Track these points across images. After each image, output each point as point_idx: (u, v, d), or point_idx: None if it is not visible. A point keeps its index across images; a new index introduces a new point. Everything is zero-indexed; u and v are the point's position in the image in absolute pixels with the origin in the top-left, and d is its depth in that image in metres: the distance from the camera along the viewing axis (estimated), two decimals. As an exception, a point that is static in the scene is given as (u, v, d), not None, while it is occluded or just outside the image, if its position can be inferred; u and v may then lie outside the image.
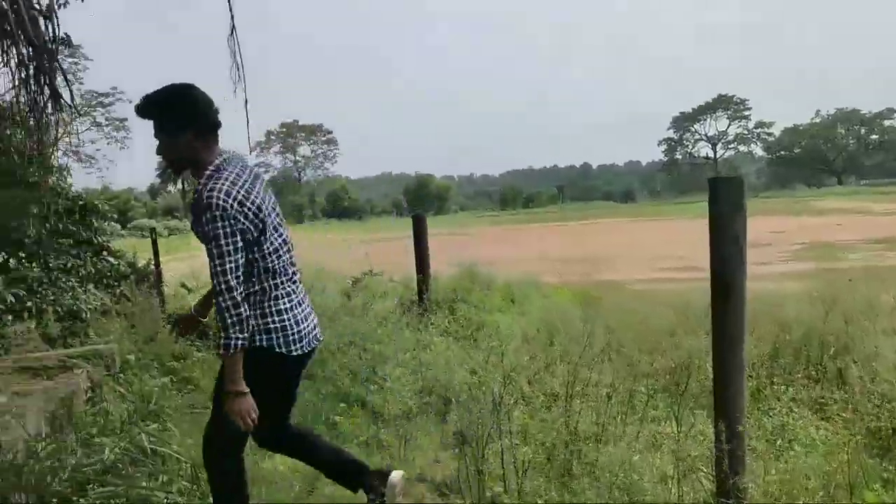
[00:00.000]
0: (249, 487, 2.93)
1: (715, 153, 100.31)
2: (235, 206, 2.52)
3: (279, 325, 2.69)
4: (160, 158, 2.73)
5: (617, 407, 3.92)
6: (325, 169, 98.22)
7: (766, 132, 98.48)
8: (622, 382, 4.16)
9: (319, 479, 3.67)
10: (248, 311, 2.53)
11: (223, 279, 2.50)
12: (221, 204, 2.49)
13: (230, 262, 2.51)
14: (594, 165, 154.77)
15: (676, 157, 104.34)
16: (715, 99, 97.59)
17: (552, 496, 3.15)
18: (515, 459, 3.32)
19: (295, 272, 2.84)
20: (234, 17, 6.57)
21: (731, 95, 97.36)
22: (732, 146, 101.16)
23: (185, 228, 56.03)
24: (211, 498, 2.88)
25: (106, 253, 8.44)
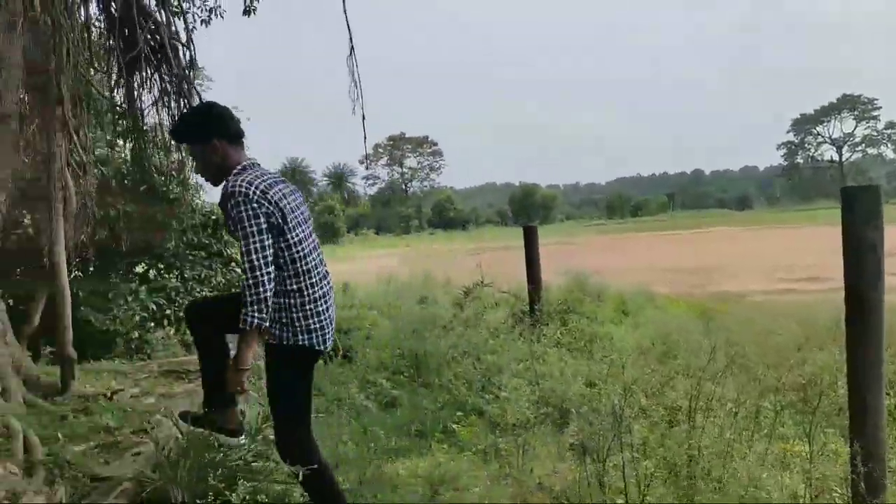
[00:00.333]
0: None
1: (840, 156, 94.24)
2: (258, 193, 2.75)
3: (319, 325, 2.91)
4: (199, 174, 3.07)
5: (743, 423, 3.81)
6: (430, 180, 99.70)
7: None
8: (747, 398, 4.03)
9: (444, 483, 3.79)
10: (270, 293, 2.71)
11: (248, 259, 2.70)
12: (243, 190, 2.73)
13: (254, 242, 2.70)
14: (707, 171, 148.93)
15: (797, 161, 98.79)
16: (839, 99, 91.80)
17: (677, 511, 3.12)
18: (637, 473, 3.31)
19: (327, 272, 3.07)
20: (352, 37, 6.86)
21: (857, 95, 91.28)
22: (860, 149, 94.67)
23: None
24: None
25: (234, 264, 9.01)
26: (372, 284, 12.11)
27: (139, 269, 7.74)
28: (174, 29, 6.12)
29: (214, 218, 8.40)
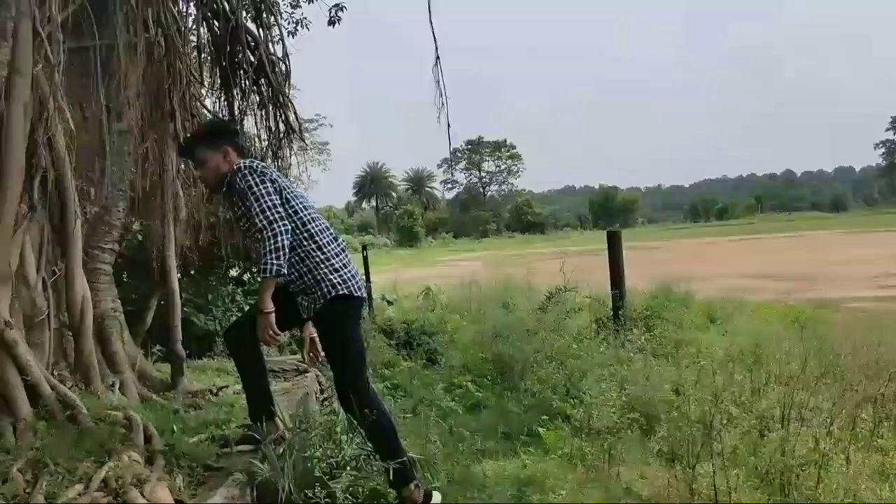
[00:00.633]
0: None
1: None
2: (259, 166, 3.28)
3: (347, 275, 3.32)
4: (207, 183, 3.56)
5: (838, 433, 3.72)
6: (508, 184, 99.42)
7: None
8: (843, 408, 3.93)
9: (531, 485, 3.88)
10: (287, 245, 3.09)
11: (263, 217, 3.10)
12: (248, 164, 3.27)
13: (266, 202, 3.13)
14: (798, 173, 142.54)
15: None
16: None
17: (768, 520, 3.10)
18: (728, 480, 3.30)
19: (344, 249, 3.47)
20: (437, 47, 7.01)
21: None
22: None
23: (378, 244, 59.59)
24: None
25: (323, 267, 9.35)
26: (453, 288, 12.25)
27: (234, 272, 8.13)
28: (271, 45, 6.45)
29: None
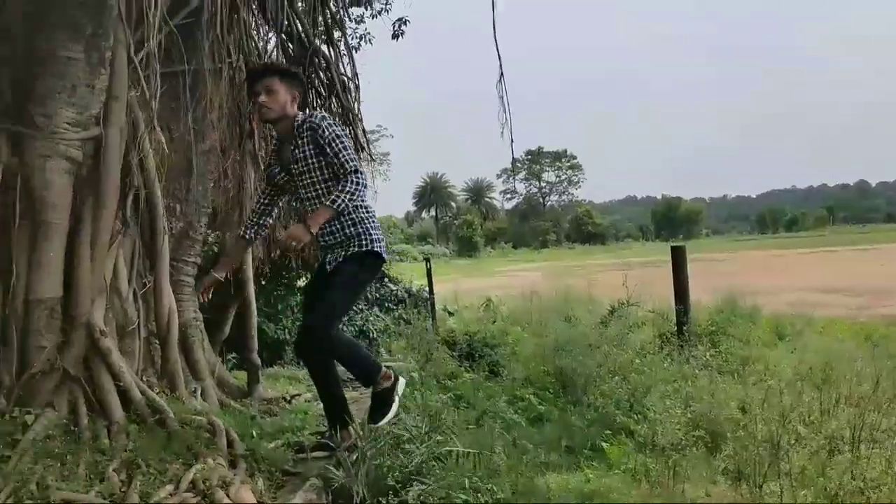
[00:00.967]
0: None
1: None
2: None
3: (381, 237, 3.66)
4: (268, 111, 3.65)
5: (913, 457, 3.65)
6: (569, 194, 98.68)
7: None
8: (918, 430, 3.85)
9: (594, 498, 3.92)
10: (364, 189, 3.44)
11: (350, 159, 3.46)
12: (327, 116, 3.60)
13: (351, 150, 3.50)
14: (873, 183, 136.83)
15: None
16: None
17: (838, 543, 3.07)
18: (795, 500, 3.28)
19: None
20: (502, 64, 7.14)
21: None
22: None
23: (437, 253, 59.93)
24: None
25: (387, 280, 9.56)
26: (514, 300, 12.29)
27: (300, 282, 8.41)
28: (341, 64, 6.69)
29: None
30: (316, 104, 6.66)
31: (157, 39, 4.08)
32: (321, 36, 6.62)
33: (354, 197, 3.41)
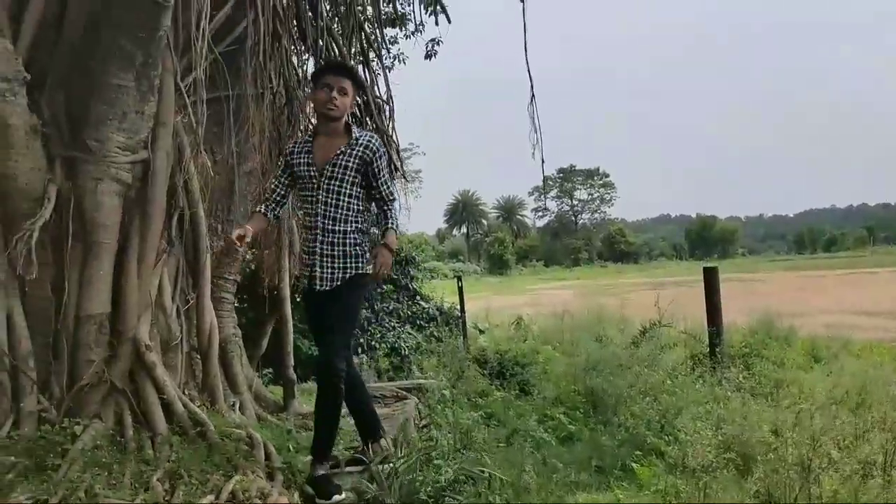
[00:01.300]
0: None
1: None
2: None
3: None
4: (334, 110, 3.69)
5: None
6: (601, 212, 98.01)
7: None
8: (954, 458, 3.81)
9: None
10: None
11: (394, 188, 3.78)
12: (382, 144, 3.78)
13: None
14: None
15: None
16: None
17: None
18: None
19: None
20: (533, 86, 7.25)
21: None
22: None
23: (468, 271, 59.95)
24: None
25: (419, 297, 9.68)
26: (545, 318, 12.30)
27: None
28: (376, 87, 6.85)
29: (403, 255, 9.13)
30: (351, 123, 6.85)
31: (203, 67, 4.26)
32: (357, 57, 6.80)
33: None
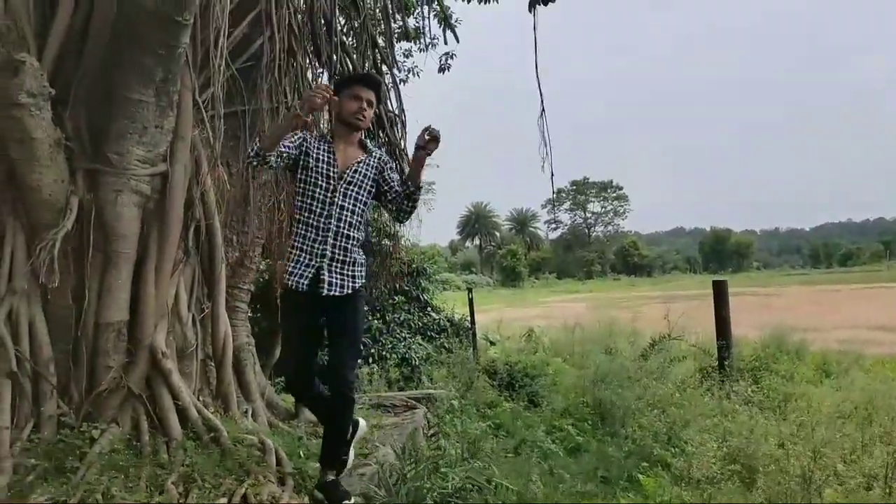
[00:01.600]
0: None
1: None
2: None
3: None
4: (361, 120, 3.69)
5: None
6: (615, 225, 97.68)
7: None
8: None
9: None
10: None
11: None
12: None
13: None
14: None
15: None
16: None
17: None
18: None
19: None
20: (543, 100, 7.34)
21: None
22: None
23: (481, 283, 59.96)
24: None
25: (430, 309, 9.76)
26: (556, 331, 12.34)
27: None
28: (389, 101, 6.98)
29: (414, 266, 9.22)
30: (364, 136, 6.98)
31: (220, 83, 4.39)
32: (370, 72, 6.92)
33: (410, 215, 3.78)
